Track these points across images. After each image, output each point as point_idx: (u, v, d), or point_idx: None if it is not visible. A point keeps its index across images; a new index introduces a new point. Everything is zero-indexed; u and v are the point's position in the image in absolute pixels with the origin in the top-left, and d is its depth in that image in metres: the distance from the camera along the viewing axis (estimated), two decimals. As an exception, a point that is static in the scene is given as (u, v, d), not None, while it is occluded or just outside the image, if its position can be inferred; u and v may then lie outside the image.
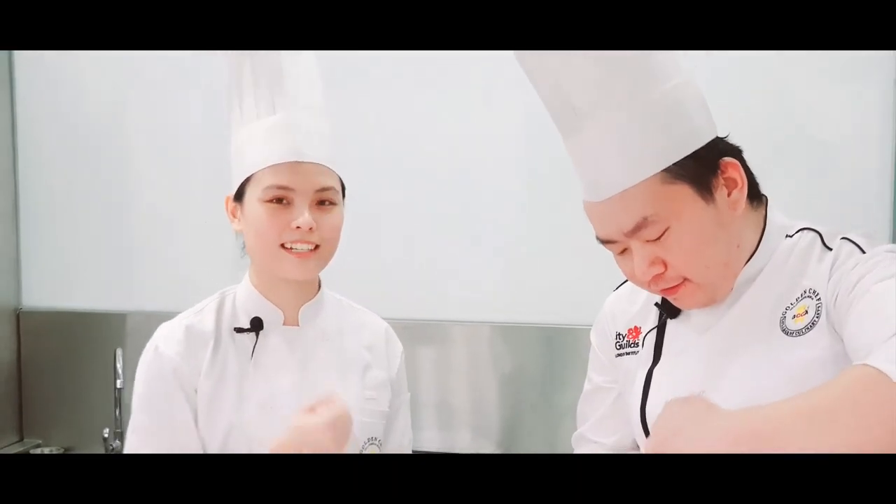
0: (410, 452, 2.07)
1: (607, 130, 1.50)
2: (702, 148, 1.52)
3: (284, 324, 1.89)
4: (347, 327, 1.97)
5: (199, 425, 1.81)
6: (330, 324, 1.94)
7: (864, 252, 1.52)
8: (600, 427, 1.80)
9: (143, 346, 1.88)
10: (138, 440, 1.81)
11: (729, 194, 1.54)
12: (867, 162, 2.64)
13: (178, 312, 1.92)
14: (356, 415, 1.87)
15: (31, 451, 3.14)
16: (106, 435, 3.02)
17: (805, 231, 1.60)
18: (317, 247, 1.82)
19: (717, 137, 1.56)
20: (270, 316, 1.88)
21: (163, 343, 1.84)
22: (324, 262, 1.86)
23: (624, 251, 1.57)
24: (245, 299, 1.90)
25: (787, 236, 1.61)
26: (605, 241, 1.58)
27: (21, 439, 3.22)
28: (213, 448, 1.81)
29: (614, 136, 1.50)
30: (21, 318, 3.24)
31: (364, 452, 1.90)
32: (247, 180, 1.83)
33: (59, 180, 3.21)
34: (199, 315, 1.89)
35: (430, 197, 2.96)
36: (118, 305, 3.15)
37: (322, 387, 1.87)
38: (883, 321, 1.37)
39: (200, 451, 1.81)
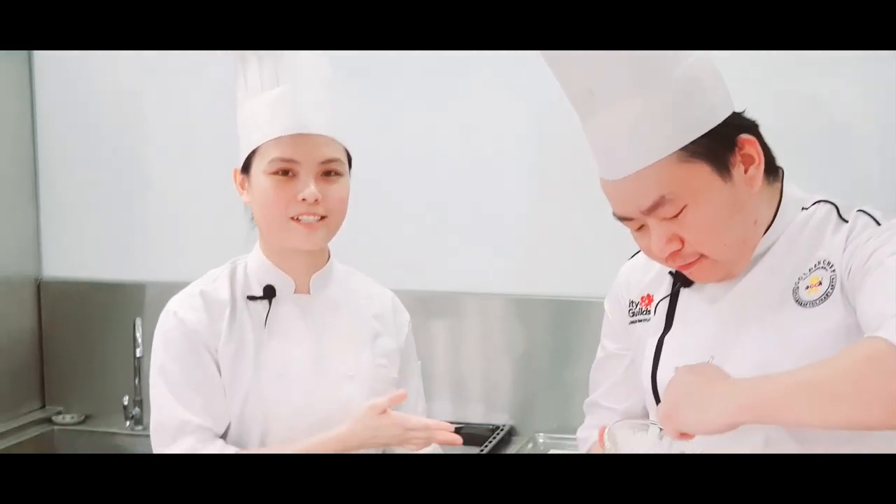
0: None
1: (624, 111, 1.51)
2: (718, 125, 1.52)
3: (296, 292, 1.91)
4: (356, 297, 1.99)
5: None
6: (340, 293, 1.96)
7: (879, 224, 1.53)
8: (612, 393, 1.82)
9: (162, 315, 1.91)
10: (173, 396, 1.83)
11: (746, 171, 1.55)
12: (879, 145, 2.65)
13: (197, 283, 1.95)
14: (369, 382, 1.91)
15: (53, 418, 3.19)
16: (126, 402, 3.06)
17: (821, 203, 1.62)
18: (323, 217, 1.84)
19: (734, 113, 1.57)
20: (282, 284, 1.90)
21: (182, 310, 1.86)
22: (331, 232, 1.88)
23: (641, 227, 1.58)
24: (256, 268, 1.92)
25: (802, 209, 1.62)
26: (622, 218, 1.59)
27: (43, 406, 3.26)
28: (233, 412, 1.84)
29: (631, 117, 1.51)
30: (42, 288, 3.27)
31: None
32: (253, 153, 1.85)
33: (78, 151, 3.24)
34: (214, 283, 1.91)
35: (444, 173, 2.98)
36: (137, 276, 3.18)
37: (335, 354, 1.90)
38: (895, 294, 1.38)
39: (226, 407, 1.84)
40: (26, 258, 3.25)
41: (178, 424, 1.81)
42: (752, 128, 1.58)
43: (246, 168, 1.87)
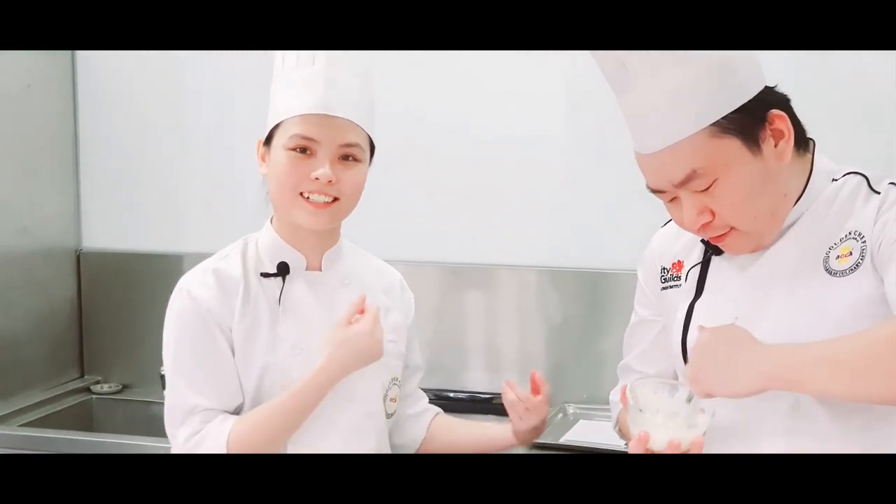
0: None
1: (658, 87, 1.54)
2: (750, 101, 1.54)
3: (307, 269, 1.93)
4: (366, 273, 2.01)
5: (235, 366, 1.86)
6: (350, 269, 1.98)
7: None
8: (644, 358, 1.85)
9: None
10: (184, 379, 1.85)
11: (776, 145, 1.57)
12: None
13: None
14: (382, 356, 1.92)
15: (91, 387, 3.25)
16: (163, 372, 3.10)
17: (851, 175, 1.63)
18: (335, 200, 1.85)
19: (766, 88, 1.59)
20: (294, 261, 1.92)
21: (195, 288, 1.87)
22: (340, 216, 1.89)
23: (673, 199, 1.61)
24: (268, 245, 1.93)
25: (833, 180, 1.64)
26: (655, 191, 1.62)
27: (82, 375, 3.32)
28: (249, 387, 1.86)
29: (665, 92, 1.53)
30: (81, 259, 3.32)
31: (389, 393, 1.96)
32: (276, 126, 1.86)
33: (118, 123, 3.28)
34: (226, 261, 1.92)
35: (478, 145, 3.00)
36: (176, 247, 3.22)
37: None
38: None
39: (240, 387, 1.86)
40: (66, 229, 3.30)
41: (188, 408, 1.84)
42: (783, 102, 1.60)
43: (268, 140, 1.89)
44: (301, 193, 1.84)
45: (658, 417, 1.55)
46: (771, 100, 1.58)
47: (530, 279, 2.98)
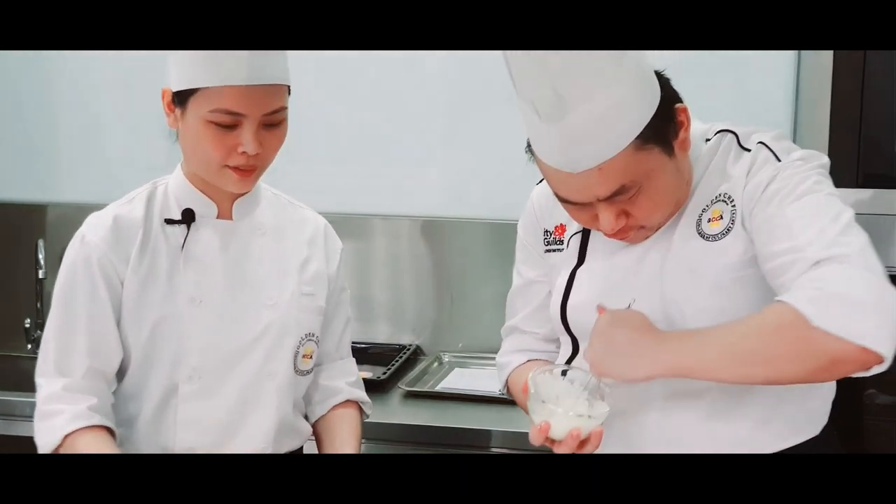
0: (349, 348, 2.07)
1: (591, 110, 1.49)
2: (660, 102, 1.54)
3: (218, 217, 1.85)
4: (286, 222, 1.94)
5: (125, 316, 1.80)
6: (267, 218, 1.91)
7: (779, 160, 1.56)
8: (534, 318, 1.85)
9: (65, 236, 1.89)
10: (56, 328, 1.80)
11: (677, 135, 1.57)
12: (772, 71, 2.75)
13: (100, 204, 1.89)
14: (293, 311, 1.87)
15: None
16: (28, 325, 3.03)
17: (722, 133, 1.65)
18: (259, 163, 1.78)
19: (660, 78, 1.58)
20: (203, 208, 1.84)
21: (90, 232, 1.81)
22: (262, 173, 1.82)
23: (584, 205, 1.58)
24: (177, 191, 1.85)
25: (706, 140, 1.65)
26: (568, 202, 1.59)
27: (-57, 329, 3.21)
28: (140, 341, 1.80)
29: (597, 114, 1.49)
30: (-60, 210, 3.20)
31: (301, 349, 1.90)
32: (192, 91, 1.73)
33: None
34: (129, 205, 1.85)
35: (358, 95, 2.98)
36: (39, 196, 3.13)
37: (255, 282, 1.86)
38: (799, 246, 1.45)
39: (117, 343, 1.80)
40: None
41: (57, 361, 1.79)
42: (670, 89, 1.59)
43: (180, 100, 1.76)
44: (226, 165, 1.75)
45: (559, 408, 1.55)
46: (670, 94, 1.57)
47: (403, 229, 2.98)
